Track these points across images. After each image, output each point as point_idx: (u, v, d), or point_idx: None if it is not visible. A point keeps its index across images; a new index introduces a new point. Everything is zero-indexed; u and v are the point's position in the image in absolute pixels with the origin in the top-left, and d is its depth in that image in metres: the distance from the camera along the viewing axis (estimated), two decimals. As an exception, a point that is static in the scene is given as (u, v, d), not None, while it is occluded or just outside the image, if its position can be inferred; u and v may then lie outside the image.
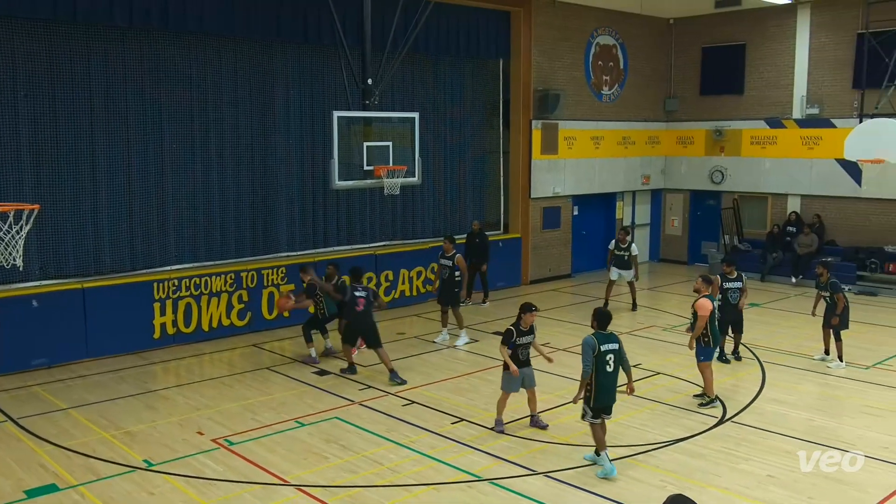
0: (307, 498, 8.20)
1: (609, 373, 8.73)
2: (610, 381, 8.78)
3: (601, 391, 8.73)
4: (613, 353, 8.74)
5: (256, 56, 15.43)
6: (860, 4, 18.26)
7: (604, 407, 8.84)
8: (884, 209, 19.61)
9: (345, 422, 10.44)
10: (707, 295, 11.03)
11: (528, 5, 19.11)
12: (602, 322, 8.84)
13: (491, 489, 8.42)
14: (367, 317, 12.31)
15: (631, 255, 16.69)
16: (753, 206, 21.98)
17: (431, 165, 17.78)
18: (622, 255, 16.76)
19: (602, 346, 8.68)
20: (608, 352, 8.69)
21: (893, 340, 14.45)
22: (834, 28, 20.00)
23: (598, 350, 8.65)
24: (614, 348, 8.76)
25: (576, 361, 12.86)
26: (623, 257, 16.75)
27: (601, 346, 8.67)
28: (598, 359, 8.65)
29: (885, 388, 11.76)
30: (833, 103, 20.10)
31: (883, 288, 18.68)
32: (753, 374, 12.44)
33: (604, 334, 8.80)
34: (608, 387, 8.78)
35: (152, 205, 14.37)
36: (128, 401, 11.32)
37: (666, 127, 23.26)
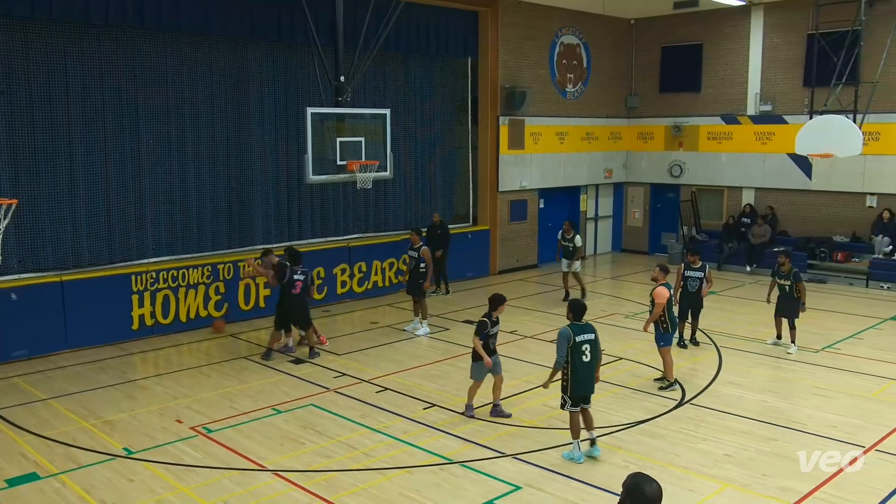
0: (284, 483, 8.19)
1: (585, 363, 8.59)
2: (587, 371, 8.63)
3: (578, 381, 8.59)
4: (589, 343, 8.61)
5: (231, 54, 15.28)
6: (810, 6, 18.50)
7: (582, 396, 8.70)
8: (832, 201, 19.96)
9: (320, 408, 10.43)
10: (665, 283, 11.15)
11: (495, 6, 19.13)
12: (577, 313, 8.71)
13: (462, 471, 8.47)
14: (301, 299, 12.50)
15: (575, 246, 16.68)
16: (710, 198, 22.24)
17: (403, 160, 17.73)
18: (567, 246, 16.77)
19: (577, 336, 8.56)
20: (584, 342, 8.56)
21: (842, 325, 14.73)
22: (785, 29, 20.26)
23: (574, 341, 8.52)
24: (590, 339, 8.63)
25: (541, 348, 13.08)
26: (568, 248, 16.76)
27: (576, 337, 8.55)
28: (574, 349, 8.52)
29: (834, 371, 12.00)
30: (785, 100, 20.38)
31: (832, 275, 19.01)
32: (711, 359, 12.62)
33: (579, 325, 8.66)
34: (585, 377, 8.63)
35: (130, 199, 14.19)
36: (107, 391, 11.20)
37: (627, 123, 23.43)
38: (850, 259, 19.14)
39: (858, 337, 13.95)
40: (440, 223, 17.43)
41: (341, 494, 7.90)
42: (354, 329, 14.75)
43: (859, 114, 17.66)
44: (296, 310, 12.56)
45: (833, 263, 19.20)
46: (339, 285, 16.77)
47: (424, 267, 14.20)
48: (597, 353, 8.74)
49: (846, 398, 10.74)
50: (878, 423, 9.74)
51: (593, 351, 8.66)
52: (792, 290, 12.84)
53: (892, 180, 18.82)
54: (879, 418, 9.93)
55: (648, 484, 3.84)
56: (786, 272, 12.89)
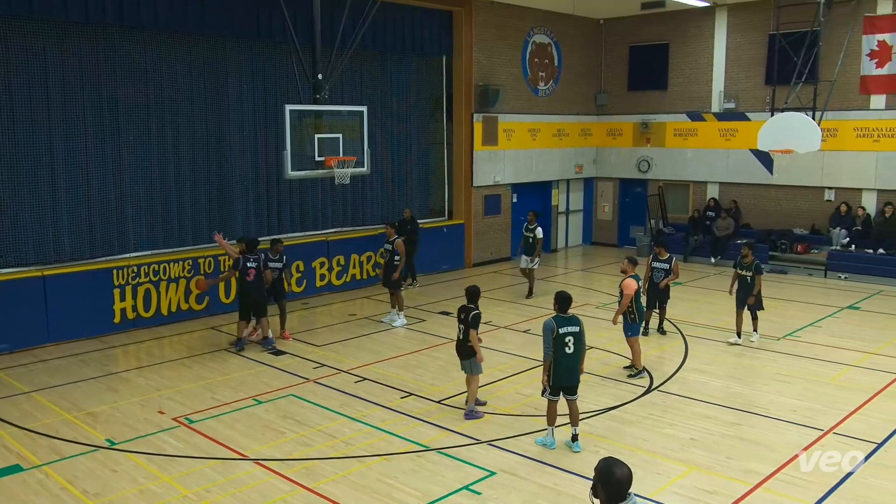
0: (265, 471, 8.14)
1: (568, 354, 8.51)
2: (569, 362, 8.53)
3: (560, 371, 8.54)
4: (573, 335, 8.52)
5: (210, 52, 15.09)
6: (771, 8, 18.69)
7: (564, 386, 8.62)
8: (793, 195, 20.19)
9: (300, 398, 10.37)
10: (633, 275, 11.21)
11: (469, 5, 19.09)
12: (563, 305, 8.62)
13: (438, 458, 8.48)
14: (254, 286, 12.39)
15: (535, 238, 16.04)
16: (676, 192, 22.41)
17: (379, 156, 17.68)
18: (528, 237, 16.16)
19: (561, 328, 8.48)
20: (567, 334, 8.48)
21: (802, 314, 14.92)
22: (748, 29, 20.43)
23: (557, 332, 8.45)
24: (574, 331, 8.54)
25: (515, 338, 13.13)
26: (528, 239, 16.15)
27: (560, 329, 8.47)
28: (558, 341, 8.45)
29: (794, 357, 12.15)
30: (747, 98, 20.57)
31: (792, 266, 19.23)
32: (677, 347, 12.73)
33: (564, 317, 8.58)
34: (568, 367, 8.54)
35: (110, 195, 13.99)
36: (89, 383, 11.05)
37: (597, 120, 23.51)
38: (810, 251, 19.36)
39: (817, 325, 14.14)
40: (410, 218, 17.31)
41: (321, 482, 7.87)
42: (333, 321, 14.69)
43: (818, 111, 17.90)
44: (251, 297, 12.45)
45: (793, 255, 19.41)
46: (318, 278, 16.69)
47: (398, 259, 14.17)
48: (580, 345, 8.62)
49: (806, 384, 10.88)
50: (835, 408, 9.88)
51: (577, 343, 8.55)
52: (753, 281, 12.75)
53: (849, 175, 19.07)
54: (837, 402, 10.08)
55: (619, 467, 3.87)
56: (748, 264, 12.78)
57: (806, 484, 7.73)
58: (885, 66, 18.12)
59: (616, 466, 3.87)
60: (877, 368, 11.52)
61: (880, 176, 18.60)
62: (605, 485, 3.85)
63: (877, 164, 18.62)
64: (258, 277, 12.43)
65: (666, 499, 7.45)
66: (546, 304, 15.78)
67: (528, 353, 12.25)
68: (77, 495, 7.60)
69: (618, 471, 3.84)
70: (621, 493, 3.82)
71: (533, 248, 16.08)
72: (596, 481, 3.91)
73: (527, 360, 11.93)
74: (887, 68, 18.10)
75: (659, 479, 7.86)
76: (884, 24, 18.01)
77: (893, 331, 13.71)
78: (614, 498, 3.82)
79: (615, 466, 3.87)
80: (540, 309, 15.18)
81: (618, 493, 3.82)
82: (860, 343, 12.91)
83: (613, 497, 3.82)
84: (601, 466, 3.92)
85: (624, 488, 3.82)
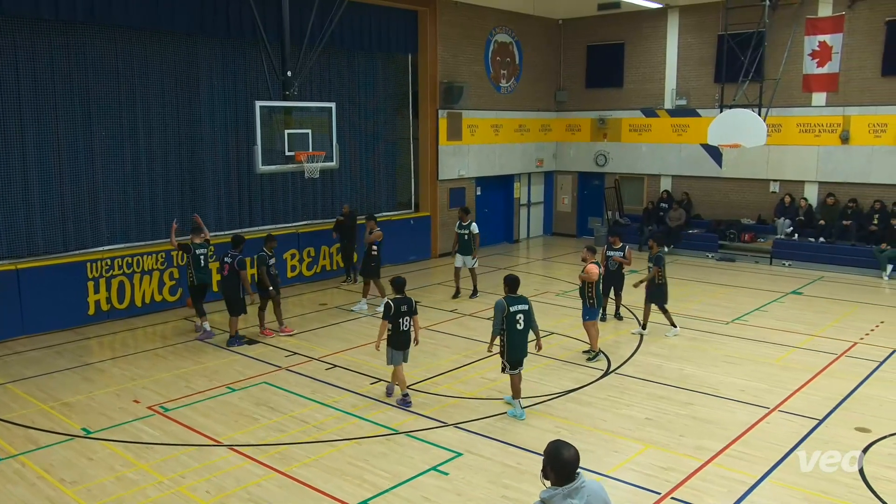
0: (240, 456, 8.08)
1: (520, 331, 8.96)
2: (520, 338, 9.01)
3: (513, 347, 8.98)
4: (523, 313, 8.94)
5: (181, 49, 14.84)
6: (720, 9, 18.93)
7: (516, 360, 9.06)
8: (740, 187, 20.53)
9: (273, 386, 10.31)
10: (595, 262, 11.32)
11: (433, 5, 19.02)
12: (511, 287, 9.07)
13: (407, 440, 8.49)
14: (226, 283, 12.18)
15: (471, 234, 15.00)
16: (632, 185, 22.63)
17: (348, 151, 17.57)
18: (463, 235, 15.02)
19: (511, 307, 8.89)
20: (517, 312, 8.90)
21: (749, 300, 15.19)
22: (699, 30, 20.67)
23: (508, 311, 8.86)
24: (524, 309, 8.96)
25: (478, 325, 13.19)
26: (464, 237, 15.03)
27: (510, 308, 8.88)
28: (509, 319, 8.87)
29: (742, 340, 12.39)
30: (698, 95, 20.82)
31: (740, 255, 19.56)
32: (633, 332, 12.90)
33: (514, 297, 9.00)
34: (519, 343, 9.01)
35: (83, 189, 13.70)
36: (65, 374, 10.85)
37: (556, 116, 23.62)
38: (756, 239, 19.69)
39: (763, 310, 14.41)
40: (349, 214, 16.37)
41: (294, 466, 7.84)
42: (304, 310, 14.60)
43: (763, 108, 18.20)
44: (226, 296, 12.24)
45: (741, 244, 19.72)
46: (289, 269, 16.55)
47: (376, 250, 14.10)
48: (531, 322, 9.06)
49: (753, 365, 11.10)
50: (781, 387, 10.11)
51: (527, 320, 8.98)
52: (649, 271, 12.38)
53: (792, 168, 19.44)
54: (782, 382, 10.31)
55: (566, 449, 3.92)
56: (652, 256, 12.35)
57: (753, 458, 7.91)
58: (825, 65, 18.47)
59: (564, 448, 3.92)
60: (818, 350, 11.79)
61: (821, 169, 19.00)
62: (554, 466, 3.91)
63: (818, 158, 19.01)
64: (232, 274, 12.02)
65: (624, 475, 7.56)
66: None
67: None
68: (54, 483, 7.47)
69: (565, 452, 3.90)
70: (570, 474, 3.88)
71: (470, 245, 15.03)
72: (545, 464, 3.96)
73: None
74: (827, 67, 18.44)
75: (617, 457, 7.97)
76: (824, 26, 18.35)
77: (834, 314, 14.04)
78: (563, 478, 3.88)
79: (563, 448, 3.92)
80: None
81: (566, 473, 3.88)
82: (803, 326, 13.19)
83: (563, 477, 3.88)
84: (550, 449, 3.97)
85: (572, 468, 3.88)
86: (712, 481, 7.45)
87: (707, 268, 18.66)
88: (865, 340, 12.30)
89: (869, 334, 12.66)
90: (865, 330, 12.90)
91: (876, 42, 17.97)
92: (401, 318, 9.39)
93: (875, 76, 18.07)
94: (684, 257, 19.78)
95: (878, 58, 17.97)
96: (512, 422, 8.95)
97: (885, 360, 11.29)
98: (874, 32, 17.96)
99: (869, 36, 18.04)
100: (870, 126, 18.17)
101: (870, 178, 18.30)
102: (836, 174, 18.74)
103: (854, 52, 18.19)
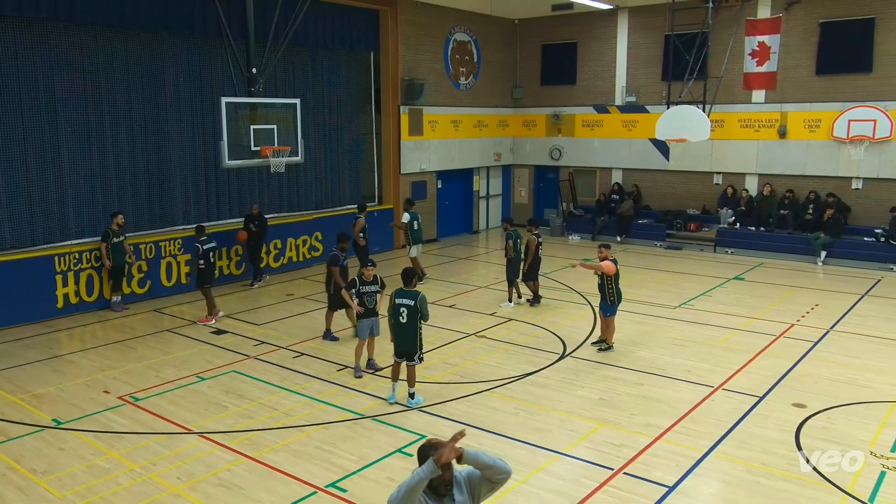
0: (210, 443, 7.98)
1: (402, 323, 8.70)
2: (401, 330, 8.73)
3: (395, 337, 8.87)
4: (407, 307, 8.65)
5: (147, 46, 14.48)
6: (667, 10, 19.16)
7: (400, 351, 8.86)
8: (686, 179, 20.87)
9: (242, 374, 10.19)
10: (613, 259, 11.00)
11: (394, 4, 18.88)
12: (404, 279, 8.80)
13: (374, 425, 8.48)
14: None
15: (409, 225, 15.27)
16: (585, 178, 22.84)
17: (312, 146, 17.39)
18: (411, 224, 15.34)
19: (397, 299, 8.70)
20: (401, 305, 8.67)
21: (695, 285, 15.47)
22: (647, 30, 20.90)
23: (393, 302, 8.70)
24: (408, 304, 8.65)
25: (440, 312, 13.18)
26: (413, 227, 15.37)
27: (396, 300, 8.71)
28: (394, 310, 8.70)
29: (688, 324, 12.62)
30: (646, 93, 21.07)
31: (686, 243, 19.90)
32: (586, 317, 13.02)
33: (404, 290, 8.72)
34: (398, 335, 8.80)
35: (50, 185, 13.32)
36: (34, 366, 10.57)
37: (513, 112, 23.70)
38: (701, 229, 20.03)
39: (708, 295, 14.69)
40: (258, 214, 15.51)
41: (264, 451, 7.77)
42: (272, 301, 14.44)
43: (707, 104, 18.52)
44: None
45: (687, 233, 20.05)
46: (257, 261, 16.33)
47: (362, 238, 14.37)
48: (413, 318, 8.67)
49: (699, 346, 11.31)
50: (724, 367, 10.33)
51: (411, 315, 8.65)
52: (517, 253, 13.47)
53: (734, 161, 19.81)
54: (725, 362, 10.54)
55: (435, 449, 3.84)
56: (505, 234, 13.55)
57: (699, 434, 8.08)
58: (764, 64, 18.87)
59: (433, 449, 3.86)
60: (759, 332, 12.06)
61: (760, 162, 19.41)
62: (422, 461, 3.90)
63: (757, 152, 19.41)
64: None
65: (579, 452, 7.66)
66: (472, 282, 15.93)
67: (454, 325, 12.36)
68: (25, 474, 7.29)
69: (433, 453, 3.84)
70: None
71: (419, 235, 15.58)
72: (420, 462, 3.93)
73: (453, 332, 12.02)
74: (766, 66, 18.86)
75: (573, 436, 8.06)
76: (763, 27, 18.73)
77: (773, 298, 14.39)
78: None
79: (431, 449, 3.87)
80: (465, 286, 15.31)
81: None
82: (745, 309, 13.49)
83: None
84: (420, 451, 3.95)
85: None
86: (662, 456, 7.60)
87: (656, 256, 18.95)
88: (802, 322, 12.63)
89: (805, 316, 13.00)
90: (802, 312, 13.24)
91: (810, 43, 18.38)
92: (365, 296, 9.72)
93: (810, 75, 18.48)
94: (634, 246, 20.05)
95: (813, 58, 18.38)
96: (474, 405, 8.98)
97: (819, 339, 11.61)
98: (809, 33, 18.36)
99: (804, 37, 18.44)
100: (805, 122, 18.59)
101: (805, 170, 18.75)
102: (775, 167, 19.16)
103: (791, 51, 18.58)
